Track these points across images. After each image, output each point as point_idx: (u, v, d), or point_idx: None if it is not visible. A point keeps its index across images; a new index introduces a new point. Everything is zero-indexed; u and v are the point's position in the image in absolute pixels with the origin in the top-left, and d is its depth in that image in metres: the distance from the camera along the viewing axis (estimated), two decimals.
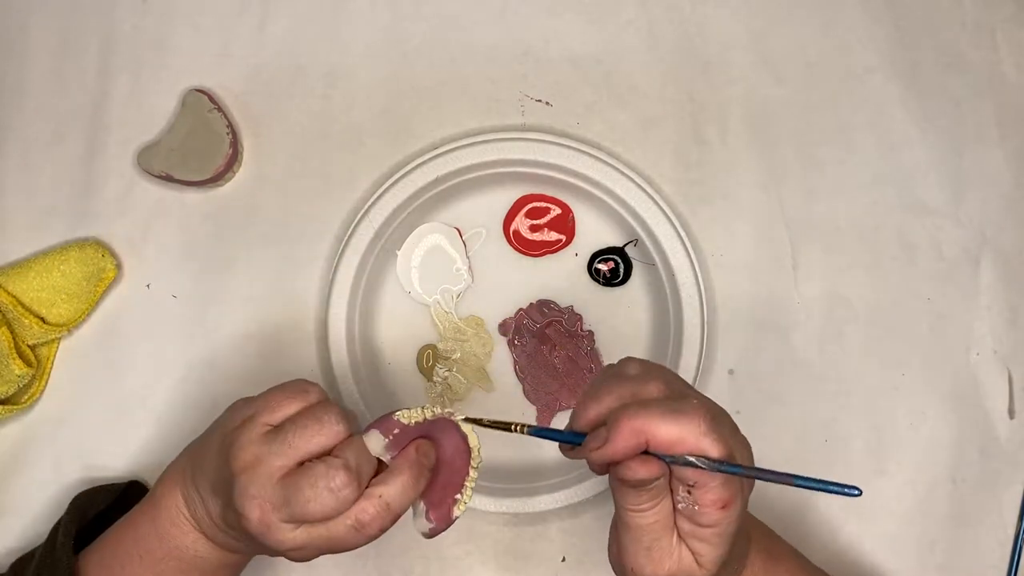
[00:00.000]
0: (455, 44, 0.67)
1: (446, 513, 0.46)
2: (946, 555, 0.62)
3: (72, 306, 0.62)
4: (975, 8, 0.67)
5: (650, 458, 0.39)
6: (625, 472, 0.39)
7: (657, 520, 0.41)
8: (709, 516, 0.40)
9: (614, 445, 0.39)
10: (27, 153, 0.65)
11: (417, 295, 0.64)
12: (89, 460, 0.62)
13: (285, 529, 0.42)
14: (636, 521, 0.41)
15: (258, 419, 0.44)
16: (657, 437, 0.39)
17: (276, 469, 0.42)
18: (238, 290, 0.64)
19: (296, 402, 0.45)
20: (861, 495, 0.35)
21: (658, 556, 0.41)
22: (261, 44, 0.67)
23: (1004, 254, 0.65)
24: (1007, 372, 0.63)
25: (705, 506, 0.40)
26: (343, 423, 0.43)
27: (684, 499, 0.40)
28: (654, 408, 0.39)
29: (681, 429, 0.39)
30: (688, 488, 0.40)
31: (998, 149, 0.66)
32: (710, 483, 0.39)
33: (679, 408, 0.39)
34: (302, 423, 0.43)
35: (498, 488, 0.60)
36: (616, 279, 0.64)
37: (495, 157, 0.62)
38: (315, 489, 0.41)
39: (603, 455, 0.40)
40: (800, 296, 0.64)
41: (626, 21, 0.67)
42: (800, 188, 0.65)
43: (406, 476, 0.43)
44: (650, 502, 0.40)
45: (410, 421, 0.44)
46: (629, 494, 0.40)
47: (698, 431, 0.38)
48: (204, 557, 0.50)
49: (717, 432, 0.39)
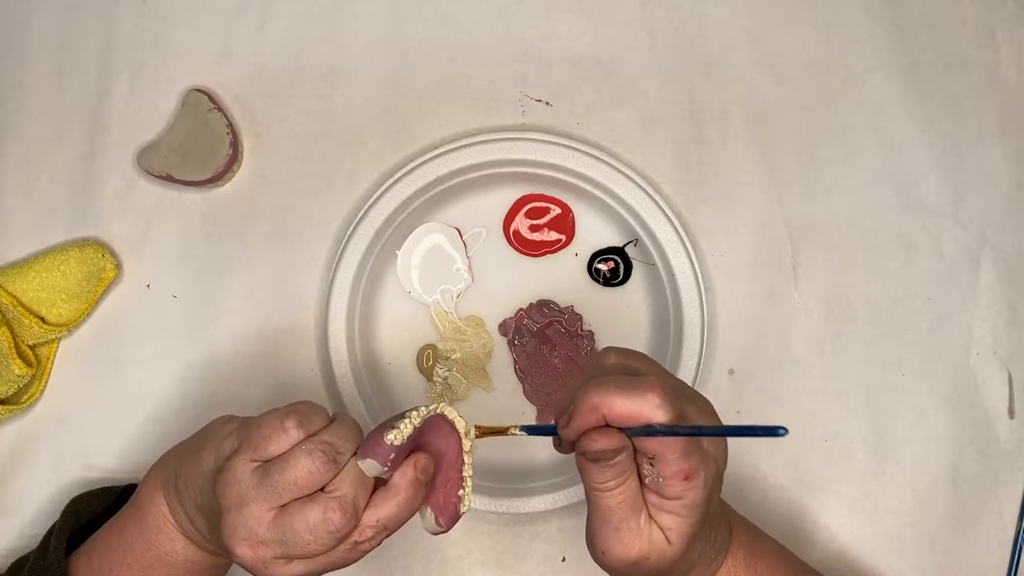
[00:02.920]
0: (455, 44, 0.67)
1: (453, 514, 0.45)
2: (946, 555, 0.62)
3: (72, 306, 0.62)
4: (975, 8, 0.67)
5: (609, 430, 0.41)
6: (585, 442, 0.41)
7: (623, 500, 0.41)
8: (674, 488, 0.41)
9: (575, 422, 0.41)
10: (27, 153, 0.65)
11: (417, 295, 0.64)
12: (89, 460, 0.62)
13: (280, 564, 0.42)
14: (604, 501, 0.42)
15: (244, 454, 0.43)
16: (614, 410, 0.40)
17: (265, 512, 0.41)
18: (238, 290, 0.64)
19: (281, 439, 0.43)
20: (787, 434, 0.35)
21: (627, 537, 0.42)
22: (261, 44, 0.67)
23: (1004, 254, 0.65)
24: (1007, 372, 0.63)
25: (669, 478, 0.41)
26: (333, 463, 0.42)
27: (649, 472, 0.41)
28: (611, 383, 0.40)
29: (635, 403, 0.40)
30: (650, 460, 0.41)
31: (998, 149, 0.66)
32: (669, 455, 0.40)
33: (634, 382, 0.40)
34: (291, 465, 0.42)
35: (498, 488, 0.60)
36: (616, 279, 0.64)
37: (495, 157, 0.62)
38: (314, 534, 0.41)
39: (567, 433, 0.41)
40: (800, 296, 0.64)
41: (626, 21, 0.67)
42: (800, 188, 0.65)
43: (403, 497, 0.43)
44: (615, 479, 0.41)
45: (403, 440, 0.43)
46: (594, 471, 0.41)
47: (652, 404, 0.40)
48: (193, 560, 0.50)
49: (671, 403, 0.40)
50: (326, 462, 0.42)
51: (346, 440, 0.43)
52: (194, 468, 0.46)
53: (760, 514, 0.62)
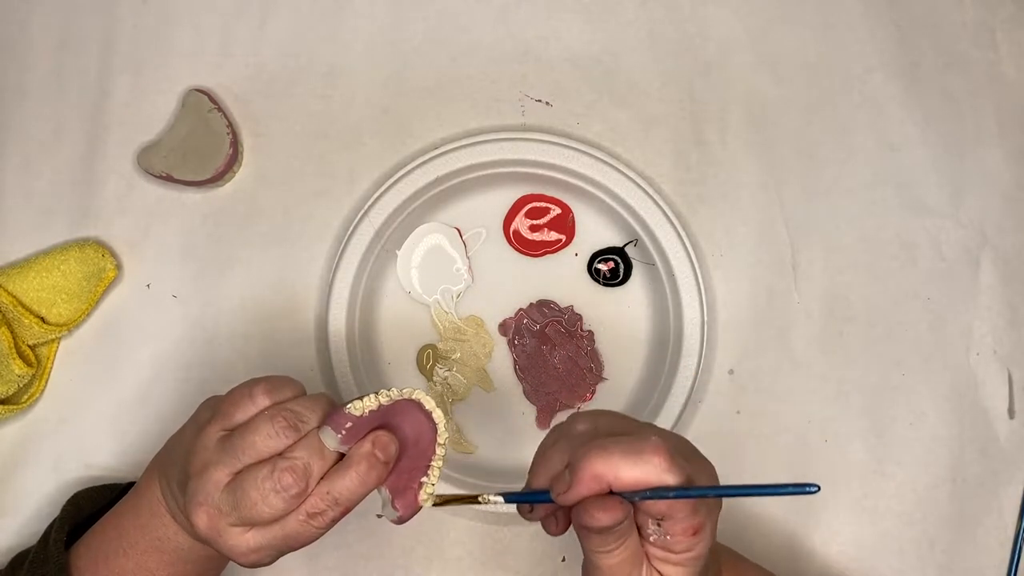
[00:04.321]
0: (455, 44, 0.67)
1: (411, 501, 0.44)
2: (946, 555, 0.62)
3: (72, 306, 0.62)
4: (975, 8, 0.67)
5: (612, 501, 0.39)
6: (588, 520, 0.39)
7: (624, 558, 0.40)
8: (681, 543, 0.40)
9: (577, 490, 0.39)
10: (27, 153, 0.65)
11: (417, 295, 0.64)
12: (89, 460, 0.62)
13: (235, 533, 0.42)
14: (604, 562, 0.40)
15: (215, 423, 0.43)
16: (620, 479, 0.38)
17: (223, 476, 0.42)
18: (238, 290, 0.64)
19: (248, 407, 0.43)
20: (819, 491, 0.35)
21: None
22: (261, 44, 0.67)
23: (1004, 254, 0.65)
24: (1007, 372, 0.63)
25: (677, 535, 0.40)
26: (294, 430, 0.42)
27: (655, 532, 0.40)
28: (613, 449, 0.39)
29: (642, 469, 0.38)
30: (658, 522, 0.40)
31: (998, 149, 0.66)
32: (678, 514, 0.39)
33: (638, 447, 0.39)
34: (252, 429, 0.42)
35: (498, 488, 0.60)
36: (616, 279, 0.64)
37: (495, 157, 0.62)
38: (261, 492, 0.41)
39: (566, 499, 0.40)
40: (800, 296, 0.64)
41: (626, 21, 0.67)
42: (800, 188, 0.65)
43: (355, 471, 0.42)
44: (616, 542, 0.40)
45: (363, 411, 0.42)
46: (595, 538, 0.40)
47: (659, 468, 0.38)
48: (185, 548, 0.49)
49: (678, 466, 0.38)
50: (286, 428, 0.42)
51: (312, 411, 0.43)
52: (177, 444, 0.47)
53: (760, 514, 0.62)
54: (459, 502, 0.45)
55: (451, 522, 0.62)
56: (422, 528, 0.62)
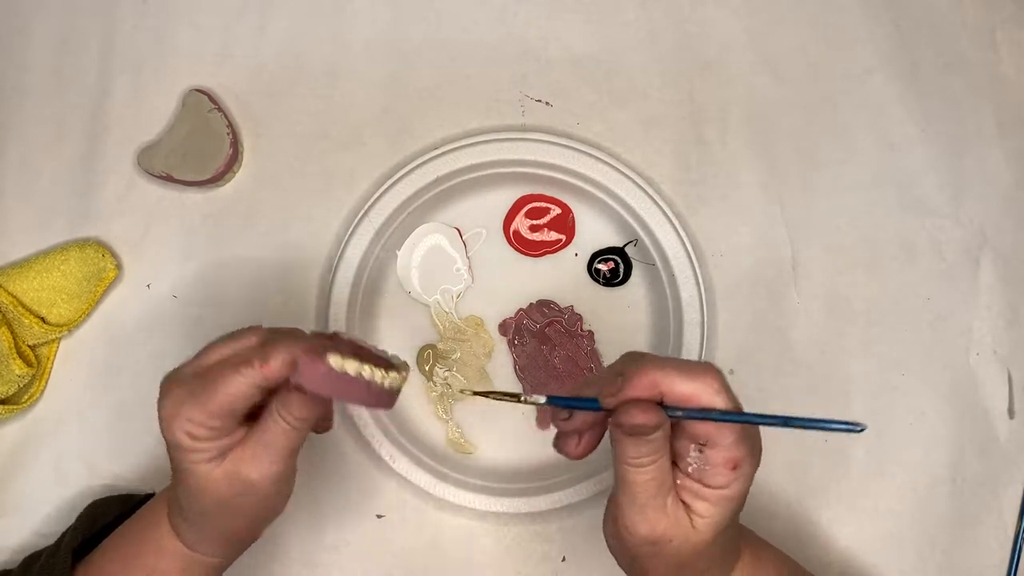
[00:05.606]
0: (455, 44, 0.67)
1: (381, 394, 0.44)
2: (946, 555, 0.62)
3: (72, 306, 0.62)
4: (975, 8, 0.67)
5: (654, 406, 0.40)
6: (628, 417, 0.40)
7: (654, 478, 0.41)
8: (719, 476, 0.41)
9: (627, 392, 0.40)
10: (27, 153, 0.65)
11: (417, 295, 0.64)
12: (89, 460, 0.62)
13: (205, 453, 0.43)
14: (634, 477, 0.41)
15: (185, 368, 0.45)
16: (673, 391, 0.40)
17: (188, 376, 0.43)
18: (238, 290, 0.64)
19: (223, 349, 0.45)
20: (864, 430, 0.36)
21: (653, 515, 0.41)
22: (261, 44, 0.67)
23: (1004, 254, 0.65)
24: (1007, 372, 0.63)
25: (716, 465, 0.40)
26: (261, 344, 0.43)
27: (695, 459, 0.41)
28: (670, 364, 0.40)
29: (696, 385, 0.40)
30: (700, 447, 0.41)
31: (998, 149, 0.66)
32: (722, 441, 0.40)
33: (694, 366, 0.40)
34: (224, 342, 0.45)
35: (498, 488, 0.60)
36: (616, 279, 0.64)
37: (495, 157, 0.62)
38: (221, 351, 0.43)
39: (614, 401, 0.41)
40: (800, 296, 0.64)
41: (626, 21, 0.67)
42: (800, 188, 0.65)
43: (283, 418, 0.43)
44: (650, 456, 0.41)
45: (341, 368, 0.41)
46: (630, 445, 0.41)
47: (712, 388, 0.40)
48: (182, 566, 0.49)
49: (729, 391, 0.40)
50: (257, 340, 0.44)
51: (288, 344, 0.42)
52: None
53: (760, 514, 0.62)
54: (499, 397, 0.45)
55: (451, 522, 0.62)
56: (422, 528, 0.62)
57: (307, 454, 0.62)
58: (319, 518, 0.62)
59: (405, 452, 0.60)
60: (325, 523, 0.62)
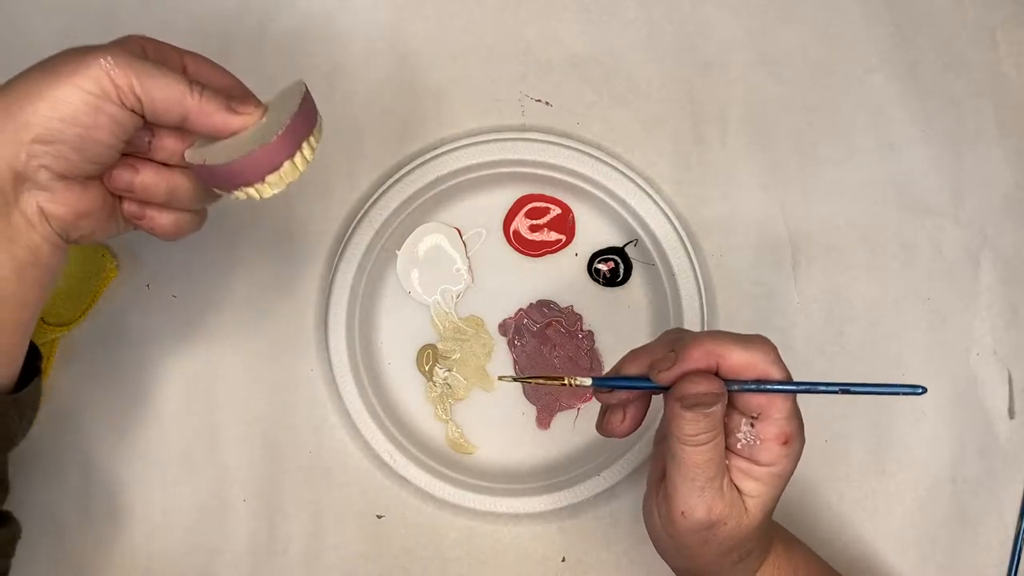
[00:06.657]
0: (455, 44, 0.67)
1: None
2: (946, 555, 0.62)
3: (72, 306, 0.62)
4: (975, 8, 0.67)
5: (712, 377, 0.40)
6: (689, 387, 0.39)
7: (712, 458, 0.40)
8: (770, 452, 0.41)
9: (684, 365, 0.40)
10: None
11: (417, 295, 0.64)
12: (88, 460, 0.62)
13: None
14: (693, 457, 0.40)
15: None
16: (729, 360, 0.40)
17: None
18: (238, 290, 0.64)
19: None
20: (925, 392, 0.37)
21: (711, 497, 0.41)
22: (261, 44, 0.67)
23: (1004, 254, 0.65)
24: (1007, 372, 0.63)
25: (768, 440, 0.40)
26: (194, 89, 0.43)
27: (746, 434, 0.41)
28: (724, 334, 0.40)
29: (751, 355, 0.40)
30: (752, 420, 0.40)
31: (998, 149, 0.66)
32: (775, 414, 0.40)
33: (747, 336, 0.40)
34: None
35: (498, 488, 0.60)
36: (616, 279, 0.64)
37: (495, 157, 0.62)
38: None
39: (669, 376, 0.40)
40: (800, 296, 0.64)
41: (626, 21, 0.67)
42: (800, 188, 0.65)
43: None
44: (708, 432, 0.40)
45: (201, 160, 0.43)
46: (689, 420, 0.40)
47: (767, 358, 0.40)
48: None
49: (783, 363, 0.40)
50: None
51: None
52: None
53: None
54: (543, 380, 0.45)
55: (451, 522, 0.62)
56: (422, 528, 0.62)
57: (307, 454, 0.62)
58: (319, 518, 0.62)
59: (405, 452, 0.60)
60: (325, 523, 0.62)
